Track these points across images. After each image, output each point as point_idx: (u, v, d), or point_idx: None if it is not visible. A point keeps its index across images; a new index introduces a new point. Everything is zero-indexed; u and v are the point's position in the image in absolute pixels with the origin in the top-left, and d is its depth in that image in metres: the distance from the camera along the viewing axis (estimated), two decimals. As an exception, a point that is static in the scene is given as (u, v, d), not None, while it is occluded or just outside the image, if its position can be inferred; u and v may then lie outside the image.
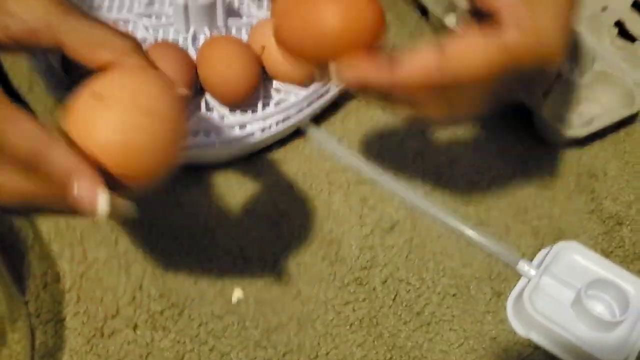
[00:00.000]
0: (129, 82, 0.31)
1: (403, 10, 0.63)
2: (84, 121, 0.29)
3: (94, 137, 0.29)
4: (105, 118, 0.29)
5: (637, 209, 0.51)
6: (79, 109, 0.30)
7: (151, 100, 0.30)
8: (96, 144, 0.29)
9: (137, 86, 0.31)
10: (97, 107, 0.29)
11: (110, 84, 0.30)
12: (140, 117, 0.29)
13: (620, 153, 0.54)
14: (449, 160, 0.52)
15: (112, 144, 0.29)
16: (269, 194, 0.48)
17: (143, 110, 0.30)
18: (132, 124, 0.29)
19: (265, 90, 0.50)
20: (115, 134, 0.29)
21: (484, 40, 0.33)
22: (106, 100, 0.29)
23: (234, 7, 0.55)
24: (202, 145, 0.47)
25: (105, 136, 0.29)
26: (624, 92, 0.55)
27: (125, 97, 0.30)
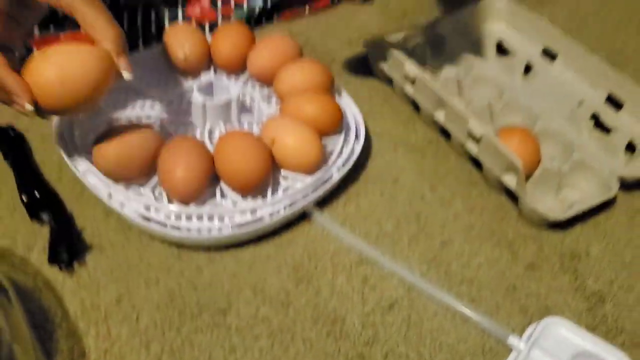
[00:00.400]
0: (69, 50, 0.48)
1: (397, 104, 0.69)
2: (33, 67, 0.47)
3: (35, 75, 0.47)
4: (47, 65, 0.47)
5: (618, 286, 0.55)
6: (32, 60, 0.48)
7: (80, 62, 0.47)
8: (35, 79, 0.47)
9: (74, 52, 0.48)
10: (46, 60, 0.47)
11: (59, 49, 0.48)
12: (71, 70, 0.47)
13: (601, 235, 0.59)
14: (442, 243, 0.56)
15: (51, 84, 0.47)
16: (278, 274, 0.52)
17: (76, 67, 0.47)
18: (66, 74, 0.47)
19: (274, 178, 0.55)
20: (45, 73, 0.47)
21: None
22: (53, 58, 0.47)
23: (246, 105, 0.61)
24: (217, 229, 0.51)
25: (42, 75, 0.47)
26: (601, 179, 0.60)
27: (62, 57, 0.47)
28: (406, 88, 0.66)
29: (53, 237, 0.51)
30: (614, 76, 0.70)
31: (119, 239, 0.53)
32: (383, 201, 0.59)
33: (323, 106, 0.57)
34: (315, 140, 0.54)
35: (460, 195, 0.61)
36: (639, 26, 0.87)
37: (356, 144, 0.60)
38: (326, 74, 0.61)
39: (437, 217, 0.58)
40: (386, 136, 0.65)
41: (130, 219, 0.52)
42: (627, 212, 0.61)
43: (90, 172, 0.54)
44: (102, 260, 0.51)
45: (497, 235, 0.57)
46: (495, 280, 0.54)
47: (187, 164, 0.51)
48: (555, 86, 0.72)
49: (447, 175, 0.62)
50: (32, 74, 0.47)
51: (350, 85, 0.70)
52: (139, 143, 0.52)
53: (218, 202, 0.53)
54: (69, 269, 0.50)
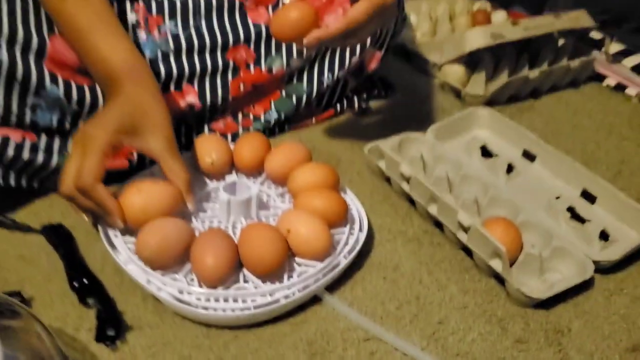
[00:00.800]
0: (153, 186, 0.64)
1: (395, 200, 0.78)
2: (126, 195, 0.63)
3: (127, 200, 0.63)
4: (136, 197, 0.63)
5: (598, 358, 0.61)
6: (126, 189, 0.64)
7: (158, 195, 0.64)
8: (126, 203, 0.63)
9: (155, 188, 0.64)
10: (135, 192, 0.63)
11: (147, 184, 0.64)
12: (153, 201, 0.63)
13: (581, 313, 0.66)
14: (439, 321, 0.63)
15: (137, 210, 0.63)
16: (294, 349, 0.59)
17: (156, 199, 0.63)
18: (149, 204, 0.63)
19: (289, 264, 0.63)
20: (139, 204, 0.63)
21: (362, 2, 0.65)
22: (141, 191, 0.63)
23: (264, 201, 0.70)
24: (240, 310, 0.59)
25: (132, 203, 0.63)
26: (578, 263, 0.68)
27: (147, 191, 0.63)
28: (403, 185, 0.76)
29: (100, 319, 0.58)
30: (587, 174, 0.79)
31: (155, 320, 0.60)
32: (386, 285, 0.67)
33: (331, 201, 0.66)
34: (325, 230, 0.63)
35: (455, 279, 0.68)
36: (609, 130, 0.98)
37: (360, 235, 0.68)
38: (333, 174, 0.71)
39: (435, 298, 0.66)
40: (386, 228, 0.74)
41: (166, 301, 0.59)
42: (603, 293, 0.69)
43: (130, 261, 0.62)
44: (141, 339, 0.59)
45: (488, 314, 0.65)
46: (487, 352, 0.61)
47: (215, 253, 0.59)
48: (535, 183, 0.82)
49: (442, 262, 0.70)
50: (125, 199, 0.63)
51: (354, 183, 0.80)
52: (175, 235, 0.61)
53: (241, 285, 0.61)
54: (114, 347, 0.57)
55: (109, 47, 0.67)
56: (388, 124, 0.93)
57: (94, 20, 0.67)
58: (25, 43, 0.67)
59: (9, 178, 0.69)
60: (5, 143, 0.67)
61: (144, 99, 0.66)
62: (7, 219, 0.69)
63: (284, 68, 0.84)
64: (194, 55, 0.79)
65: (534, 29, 1.02)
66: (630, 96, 1.07)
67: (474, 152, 0.85)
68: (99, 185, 0.61)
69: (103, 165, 0.61)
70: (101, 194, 0.61)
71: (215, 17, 0.80)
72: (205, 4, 0.79)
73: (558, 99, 1.06)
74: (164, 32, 0.77)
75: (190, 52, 0.78)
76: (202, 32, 0.79)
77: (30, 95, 0.68)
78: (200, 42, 0.78)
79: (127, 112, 0.64)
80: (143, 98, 0.66)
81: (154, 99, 0.66)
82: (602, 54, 1.10)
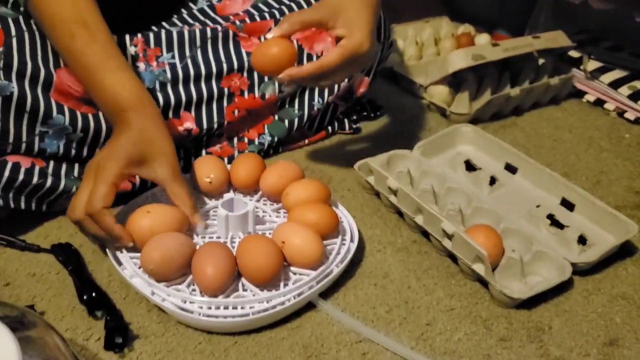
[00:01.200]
0: (160, 210, 0.69)
1: (384, 214, 0.83)
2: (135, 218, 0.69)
3: (135, 224, 0.68)
4: (145, 219, 0.68)
5: (577, 352, 0.65)
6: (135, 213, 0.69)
7: (164, 219, 0.68)
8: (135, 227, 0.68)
9: (162, 212, 0.69)
10: (145, 214, 0.68)
11: (155, 208, 0.70)
12: (160, 223, 0.68)
13: (561, 312, 0.70)
14: (427, 323, 0.67)
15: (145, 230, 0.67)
16: (291, 352, 0.63)
17: (163, 222, 0.68)
18: (156, 225, 0.67)
19: (285, 273, 0.67)
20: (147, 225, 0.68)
21: (336, 49, 0.72)
22: (150, 214, 0.68)
23: (260, 216, 0.75)
24: (238, 317, 0.63)
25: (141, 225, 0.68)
26: (557, 265, 0.72)
27: (155, 215, 0.68)
28: (391, 198, 0.80)
29: (108, 329, 0.62)
30: (566, 184, 0.84)
31: (159, 329, 0.64)
32: (376, 291, 0.71)
33: (323, 214, 0.71)
34: (318, 241, 0.67)
35: (442, 284, 0.72)
36: (588, 143, 1.03)
37: (351, 245, 0.73)
38: (324, 189, 0.75)
39: (423, 302, 0.70)
40: (376, 239, 0.78)
41: (170, 310, 0.63)
42: (582, 293, 0.73)
43: (135, 275, 0.66)
44: (147, 346, 0.62)
45: (474, 315, 0.69)
46: (473, 351, 0.64)
47: (214, 264, 0.64)
48: (516, 194, 0.86)
49: (430, 269, 0.75)
50: (134, 221, 0.68)
51: (345, 199, 0.84)
52: (177, 248, 0.65)
53: (240, 294, 0.65)
54: (121, 354, 0.61)
55: (118, 82, 0.71)
56: (377, 143, 0.98)
57: (102, 57, 0.72)
58: (33, 76, 0.72)
59: (19, 201, 0.73)
60: (16, 169, 0.71)
61: (150, 130, 0.70)
62: (18, 240, 0.73)
63: (277, 94, 0.89)
64: (191, 83, 0.84)
65: (513, 49, 1.07)
66: (609, 110, 1.12)
67: (459, 166, 0.90)
68: (106, 212, 0.66)
69: (112, 194, 0.66)
70: (107, 221, 0.66)
71: (210, 47, 0.85)
72: (200, 35, 0.84)
73: (540, 115, 1.11)
74: (162, 63, 0.82)
75: (187, 81, 0.83)
76: (198, 61, 0.84)
77: (38, 125, 0.73)
78: (196, 71, 0.84)
79: (136, 143, 0.69)
80: (149, 129, 0.70)
81: (159, 130, 0.71)
82: (581, 72, 1.16)
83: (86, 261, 0.72)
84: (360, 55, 0.73)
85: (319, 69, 0.72)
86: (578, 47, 1.19)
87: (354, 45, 0.72)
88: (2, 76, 0.70)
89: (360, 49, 0.72)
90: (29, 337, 0.53)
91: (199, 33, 0.84)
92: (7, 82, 0.70)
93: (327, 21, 0.73)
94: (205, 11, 0.93)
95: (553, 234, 0.78)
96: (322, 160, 0.93)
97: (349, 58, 0.72)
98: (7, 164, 0.71)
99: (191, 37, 0.84)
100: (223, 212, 0.71)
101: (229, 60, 0.85)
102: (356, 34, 0.72)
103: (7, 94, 0.70)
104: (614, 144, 1.03)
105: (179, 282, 0.65)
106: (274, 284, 0.66)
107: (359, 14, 0.73)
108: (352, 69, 0.77)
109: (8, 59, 0.71)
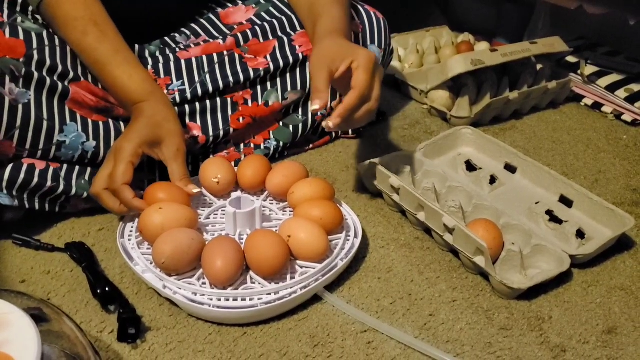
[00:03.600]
0: (171, 208, 0.72)
1: (388, 213, 0.85)
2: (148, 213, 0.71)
3: (147, 218, 0.71)
4: (157, 214, 0.70)
5: (576, 340, 0.67)
6: (148, 209, 0.72)
7: (175, 215, 0.71)
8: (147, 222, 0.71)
9: (172, 209, 0.71)
10: (156, 210, 0.71)
11: (165, 205, 0.72)
12: (170, 219, 0.70)
13: (561, 302, 0.72)
14: (430, 314, 0.69)
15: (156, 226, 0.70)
16: (298, 342, 0.65)
17: (174, 218, 0.71)
18: (167, 221, 0.70)
19: (291, 266, 0.69)
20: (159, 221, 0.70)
21: (358, 71, 0.73)
22: (161, 210, 0.71)
23: (267, 214, 0.77)
24: (247, 308, 0.65)
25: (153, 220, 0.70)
26: (556, 258, 0.74)
27: (166, 211, 0.71)
28: (393, 197, 0.82)
29: (121, 321, 0.64)
30: (564, 181, 0.86)
31: (171, 322, 0.67)
32: (380, 284, 0.73)
33: (327, 210, 0.73)
34: (323, 235, 0.70)
35: (444, 277, 0.74)
36: (586, 144, 1.05)
37: (355, 240, 0.75)
38: (328, 187, 0.78)
39: (426, 294, 0.72)
40: (380, 237, 0.80)
41: (181, 303, 0.66)
42: (581, 285, 0.74)
43: (147, 270, 0.69)
44: (159, 338, 0.65)
45: (475, 306, 0.70)
46: (475, 339, 0.66)
47: (223, 256, 0.66)
48: (516, 192, 0.88)
49: (432, 263, 0.77)
50: (146, 217, 0.71)
51: (349, 199, 0.86)
52: (188, 243, 0.67)
53: (249, 286, 0.67)
54: (134, 345, 0.63)
55: (127, 75, 0.77)
56: (380, 146, 1.01)
57: (112, 53, 0.77)
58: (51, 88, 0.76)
59: (34, 202, 0.76)
60: (31, 170, 0.74)
61: (159, 116, 0.77)
62: (33, 240, 0.75)
63: (280, 102, 0.92)
64: (196, 101, 0.87)
65: (511, 54, 1.10)
66: (607, 113, 1.14)
67: (459, 167, 0.92)
68: (126, 189, 0.73)
69: (130, 171, 0.73)
70: (127, 195, 0.73)
71: (218, 70, 0.88)
72: (207, 61, 0.88)
73: (539, 118, 1.13)
74: (172, 90, 0.86)
75: (194, 100, 0.87)
76: (207, 84, 0.87)
77: (56, 134, 0.76)
78: (203, 90, 0.87)
79: (148, 128, 0.76)
80: (158, 115, 0.77)
81: (167, 115, 0.77)
82: (578, 76, 1.18)
83: (99, 259, 0.74)
84: (375, 61, 0.74)
85: (360, 92, 0.72)
86: (576, 52, 1.22)
87: (365, 57, 0.73)
88: (22, 85, 0.73)
89: (370, 55, 0.74)
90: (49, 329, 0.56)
91: (206, 59, 0.88)
92: (25, 91, 0.73)
93: (335, 65, 0.74)
94: (212, 19, 0.96)
95: (552, 229, 0.80)
96: (327, 163, 0.96)
97: (372, 68, 0.73)
98: (22, 166, 0.74)
99: (199, 63, 0.88)
100: (231, 209, 0.73)
101: (236, 76, 0.89)
102: (358, 51, 0.74)
103: (25, 101, 0.73)
104: (611, 145, 1.05)
105: (190, 276, 0.68)
106: (281, 276, 0.68)
107: (344, 42, 0.78)
108: (380, 76, 0.75)
109: (29, 68, 0.74)
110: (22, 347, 0.49)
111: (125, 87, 0.77)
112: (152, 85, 0.79)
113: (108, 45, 0.77)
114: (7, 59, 0.73)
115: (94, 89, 0.80)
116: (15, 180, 0.73)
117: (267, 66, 0.90)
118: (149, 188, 0.76)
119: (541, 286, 0.72)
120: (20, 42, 0.75)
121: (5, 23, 0.75)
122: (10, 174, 0.73)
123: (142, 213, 0.71)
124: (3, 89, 0.71)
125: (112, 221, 0.80)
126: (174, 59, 0.88)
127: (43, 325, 0.55)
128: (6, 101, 0.71)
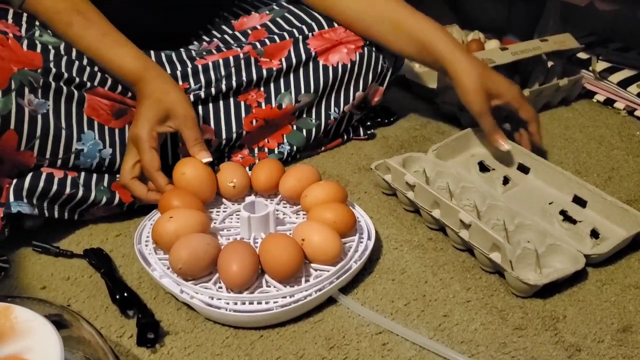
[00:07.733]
0: (182, 214, 0.73)
1: (401, 213, 0.86)
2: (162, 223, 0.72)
3: (160, 227, 0.72)
4: (169, 223, 0.71)
5: (591, 339, 0.67)
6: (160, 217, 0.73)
7: (186, 222, 0.72)
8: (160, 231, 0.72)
9: (184, 216, 0.72)
10: (168, 219, 0.72)
11: (178, 212, 0.73)
12: (184, 226, 0.71)
13: (575, 301, 0.72)
14: (445, 314, 0.70)
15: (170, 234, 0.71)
16: (314, 344, 0.66)
17: (187, 225, 0.71)
18: (180, 229, 0.71)
19: (306, 269, 0.70)
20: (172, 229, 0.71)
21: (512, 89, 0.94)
22: (173, 219, 0.71)
23: (280, 218, 0.78)
24: (263, 311, 0.66)
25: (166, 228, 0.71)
26: (570, 256, 0.74)
27: (178, 219, 0.71)
28: (408, 194, 0.83)
29: (140, 325, 0.65)
30: (577, 181, 0.86)
31: (189, 326, 0.68)
32: (394, 286, 0.73)
33: (340, 213, 0.74)
34: (336, 237, 0.70)
35: (458, 278, 0.75)
36: (599, 141, 1.05)
37: (369, 243, 0.75)
38: (341, 190, 0.78)
39: (440, 295, 0.72)
40: (393, 238, 0.81)
41: (198, 307, 0.67)
42: (596, 284, 0.75)
43: (165, 276, 0.70)
44: (177, 342, 0.66)
45: (489, 306, 0.71)
46: (489, 339, 0.67)
47: (239, 260, 0.67)
48: (529, 192, 0.88)
49: (446, 264, 0.77)
50: (159, 225, 0.72)
51: (362, 201, 0.87)
52: (204, 248, 0.68)
53: (264, 289, 0.68)
54: (153, 349, 0.64)
55: (118, 57, 0.80)
56: (392, 147, 1.01)
57: (99, 37, 0.80)
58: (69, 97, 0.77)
59: (53, 210, 0.77)
60: (50, 179, 0.75)
61: (159, 91, 0.79)
62: (53, 247, 0.77)
63: (293, 104, 0.93)
64: (209, 102, 0.88)
65: (521, 52, 1.10)
66: (619, 109, 1.14)
67: (473, 167, 0.93)
68: (160, 175, 0.77)
69: (157, 157, 0.77)
70: (161, 181, 0.77)
71: (234, 72, 0.89)
72: (224, 64, 0.89)
73: (551, 115, 1.13)
74: (189, 94, 0.87)
75: (207, 101, 0.88)
76: (221, 86, 0.88)
77: (74, 143, 0.77)
78: (217, 90, 0.88)
79: (153, 106, 0.78)
80: (157, 91, 0.79)
81: (164, 88, 0.79)
82: (590, 73, 1.18)
83: (117, 265, 0.76)
84: (521, 93, 0.93)
85: (537, 122, 0.94)
86: (587, 48, 1.22)
87: (516, 94, 0.93)
88: (40, 95, 0.75)
89: (518, 90, 0.93)
90: (70, 335, 0.57)
91: (222, 62, 0.89)
92: (44, 101, 0.75)
93: (491, 100, 0.92)
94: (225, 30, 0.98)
95: (566, 229, 0.80)
96: (339, 164, 0.96)
97: (524, 99, 0.93)
98: (41, 175, 0.75)
99: (215, 67, 0.89)
100: (245, 214, 0.74)
101: (249, 77, 0.89)
102: (510, 90, 0.92)
103: (44, 111, 0.74)
104: (624, 141, 1.05)
105: (206, 280, 0.69)
106: (296, 279, 0.69)
107: (485, 71, 0.92)
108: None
109: (46, 79, 0.75)
110: (45, 354, 0.50)
111: (120, 69, 0.80)
112: (145, 62, 0.81)
113: (94, 30, 0.79)
114: (26, 70, 0.74)
115: (110, 93, 0.81)
116: (35, 188, 0.74)
117: (280, 66, 0.91)
118: (162, 196, 0.77)
119: (555, 285, 0.72)
120: (38, 55, 0.76)
121: (24, 37, 0.77)
122: (30, 183, 0.74)
123: (154, 224, 0.72)
124: (23, 100, 0.73)
125: (129, 227, 0.81)
126: (192, 65, 0.89)
127: (64, 331, 0.56)
128: (26, 112, 0.73)
